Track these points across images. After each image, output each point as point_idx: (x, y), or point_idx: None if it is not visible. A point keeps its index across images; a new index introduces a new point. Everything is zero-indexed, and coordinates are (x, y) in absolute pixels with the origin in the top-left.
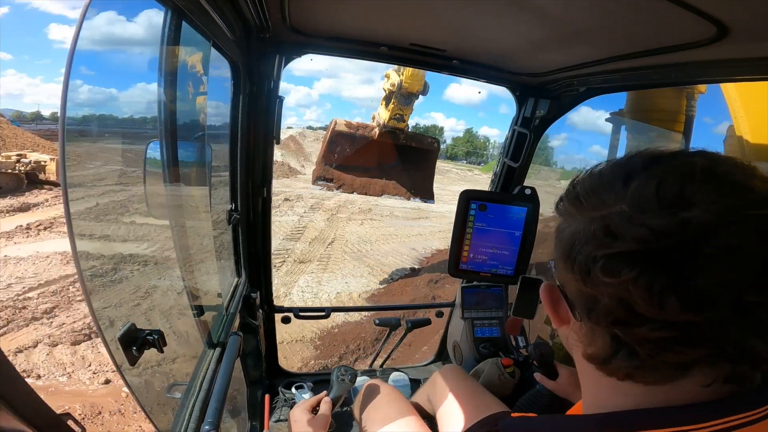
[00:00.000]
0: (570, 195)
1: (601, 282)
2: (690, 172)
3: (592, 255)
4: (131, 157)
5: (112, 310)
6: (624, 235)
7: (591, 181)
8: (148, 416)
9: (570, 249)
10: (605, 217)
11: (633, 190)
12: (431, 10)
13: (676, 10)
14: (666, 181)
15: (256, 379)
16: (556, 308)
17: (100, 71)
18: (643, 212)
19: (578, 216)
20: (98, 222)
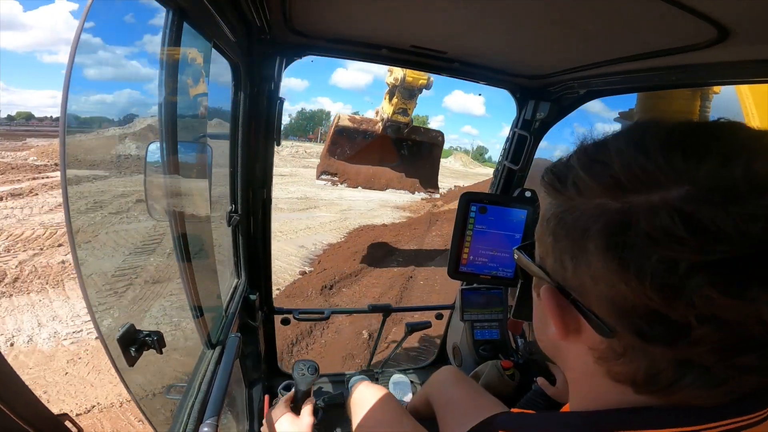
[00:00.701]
0: (587, 165)
1: (705, 300)
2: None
3: (683, 262)
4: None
5: (111, 311)
6: (726, 231)
7: (631, 154)
8: (147, 417)
9: (618, 245)
10: (674, 204)
11: (710, 170)
12: (432, 13)
13: (676, 12)
14: (754, 161)
15: (255, 380)
16: (564, 317)
17: (100, 71)
18: (729, 200)
19: (603, 197)
20: (99, 223)
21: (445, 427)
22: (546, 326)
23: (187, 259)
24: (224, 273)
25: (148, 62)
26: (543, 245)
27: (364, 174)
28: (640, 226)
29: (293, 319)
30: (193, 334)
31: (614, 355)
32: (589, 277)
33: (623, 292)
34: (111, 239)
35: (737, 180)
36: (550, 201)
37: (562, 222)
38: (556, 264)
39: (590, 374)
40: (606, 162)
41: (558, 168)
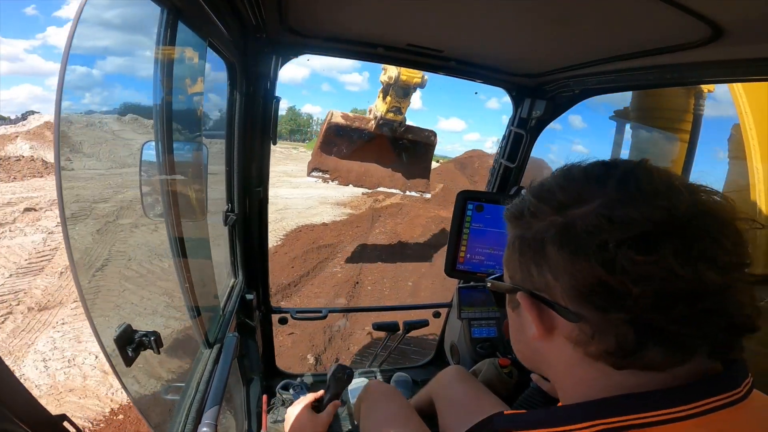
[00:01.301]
0: (539, 195)
1: (633, 264)
2: (645, 170)
3: (611, 242)
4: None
5: (108, 311)
6: (636, 218)
7: (566, 183)
8: (145, 417)
9: (566, 241)
10: (597, 209)
11: (615, 185)
12: (428, 11)
13: (671, 11)
14: (641, 177)
15: (253, 379)
16: (542, 318)
17: (96, 71)
18: (630, 203)
19: (552, 215)
20: (95, 222)
21: (446, 424)
22: (523, 333)
23: (184, 259)
24: (221, 273)
25: (143, 61)
26: (511, 265)
27: (356, 172)
28: (578, 226)
29: (291, 319)
30: (190, 333)
31: (586, 337)
32: (550, 275)
33: (579, 275)
34: (107, 239)
35: (632, 190)
36: (512, 229)
37: (524, 240)
38: (524, 274)
39: (572, 364)
40: (551, 192)
41: (516, 205)
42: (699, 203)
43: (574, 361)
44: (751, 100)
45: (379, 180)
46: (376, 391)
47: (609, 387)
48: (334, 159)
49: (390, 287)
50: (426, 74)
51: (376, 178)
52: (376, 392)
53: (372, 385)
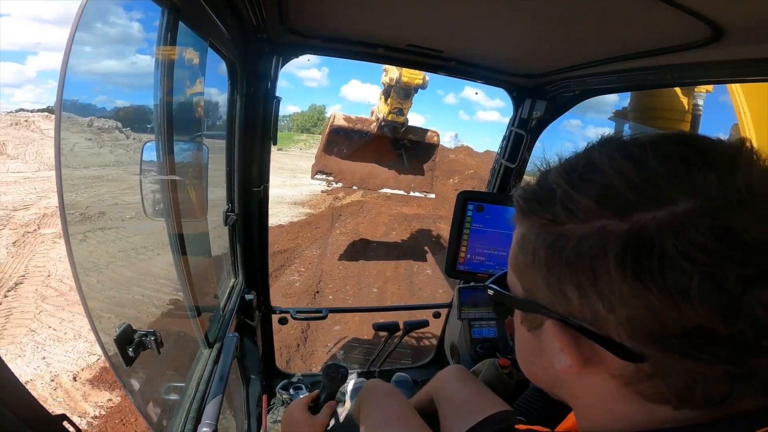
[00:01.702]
0: (579, 182)
1: (762, 310)
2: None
3: (735, 275)
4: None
5: (108, 310)
6: (764, 241)
7: (629, 166)
8: (145, 417)
9: (645, 269)
10: (695, 220)
11: (716, 181)
12: (429, 12)
13: (671, 11)
14: (748, 171)
15: (254, 379)
16: (580, 350)
17: (96, 71)
18: (749, 213)
19: (603, 218)
20: (95, 222)
21: (446, 423)
22: (543, 360)
23: (184, 259)
24: (221, 273)
25: (144, 61)
26: (529, 277)
27: (360, 174)
28: (667, 246)
29: (291, 319)
30: (190, 333)
31: (643, 376)
32: (603, 304)
33: (660, 314)
34: (107, 239)
35: (744, 189)
36: (531, 228)
37: (558, 250)
38: (555, 296)
39: (612, 399)
40: (600, 180)
41: (537, 191)
42: None
43: (616, 397)
44: (749, 101)
45: (383, 181)
46: (376, 391)
47: (652, 421)
48: (337, 161)
49: (353, 295)
50: (427, 75)
51: (380, 179)
52: (375, 392)
53: (372, 385)
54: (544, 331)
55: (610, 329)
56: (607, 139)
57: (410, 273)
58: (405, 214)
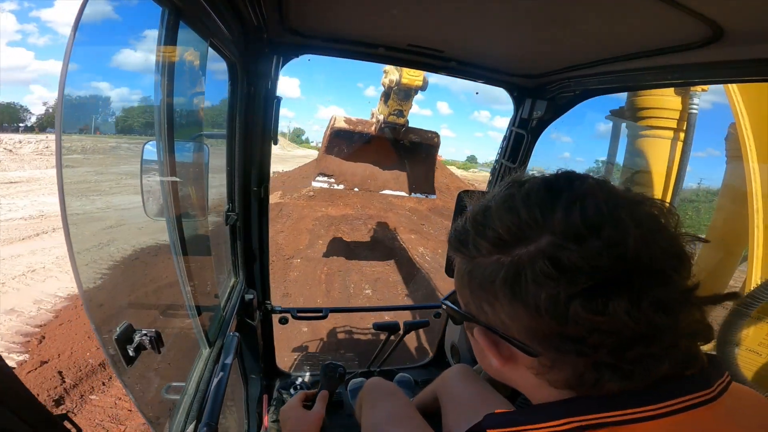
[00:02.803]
0: (479, 229)
1: (584, 319)
2: (591, 195)
3: (561, 295)
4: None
5: (109, 310)
6: (583, 268)
7: (507, 217)
8: (145, 417)
9: (517, 291)
10: (545, 252)
11: (560, 218)
12: (429, 12)
13: (671, 11)
14: (584, 204)
15: (254, 379)
16: (499, 349)
17: (96, 71)
18: (576, 241)
19: (496, 253)
20: (95, 221)
21: (450, 422)
22: (486, 358)
23: (185, 259)
24: (222, 272)
25: (144, 61)
26: (463, 296)
27: (360, 176)
28: (527, 273)
29: (291, 318)
30: (190, 333)
31: (546, 368)
32: (505, 315)
33: (533, 324)
34: (107, 235)
35: (577, 224)
36: (459, 260)
37: (473, 278)
38: (478, 309)
39: (537, 387)
40: (491, 226)
41: (459, 233)
42: (643, 236)
43: (539, 385)
44: (746, 101)
45: (384, 183)
46: (378, 389)
47: None
48: (338, 163)
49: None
50: (427, 75)
51: (381, 181)
52: (377, 390)
53: (373, 384)
54: (475, 336)
55: (514, 333)
56: (506, 184)
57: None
58: (331, 216)
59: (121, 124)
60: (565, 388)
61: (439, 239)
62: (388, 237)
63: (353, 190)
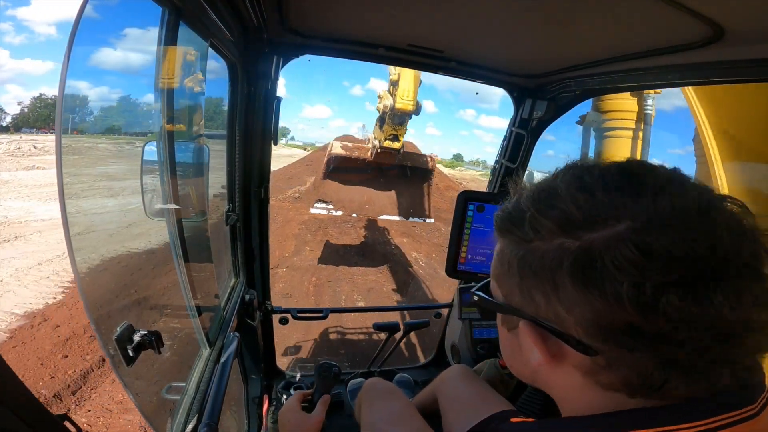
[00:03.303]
0: (542, 207)
1: (678, 311)
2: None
3: (648, 284)
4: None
5: (109, 310)
6: (678, 256)
7: (581, 197)
8: (145, 416)
9: (591, 278)
10: (629, 238)
11: (646, 204)
12: (429, 12)
13: (672, 11)
14: (673, 195)
15: (254, 379)
16: (548, 347)
17: (96, 71)
18: (665, 229)
19: (560, 237)
20: (96, 222)
21: (448, 421)
22: (522, 356)
23: (185, 259)
24: (222, 272)
25: (144, 62)
26: (506, 285)
27: (358, 201)
28: (606, 259)
29: (292, 319)
30: (191, 333)
31: (599, 368)
32: (562, 307)
33: (602, 314)
34: (107, 237)
35: (667, 211)
36: (506, 243)
37: (527, 263)
38: (525, 300)
39: (580, 388)
40: (559, 206)
41: (511, 213)
42: (735, 228)
43: (582, 387)
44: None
45: (382, 207)
46: (377, 389)
47: (608, 407)
48: (336, 189)
49: None
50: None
51: (378, 206)
52: (376, 390)
53: (372, 383)
54: (519, 330)
55: (570, 328)
56: (569, 168)
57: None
58: (318, 219)
59: (120, 124)
60: (621, 390)
61: (432, 242)
62: (379, 241)
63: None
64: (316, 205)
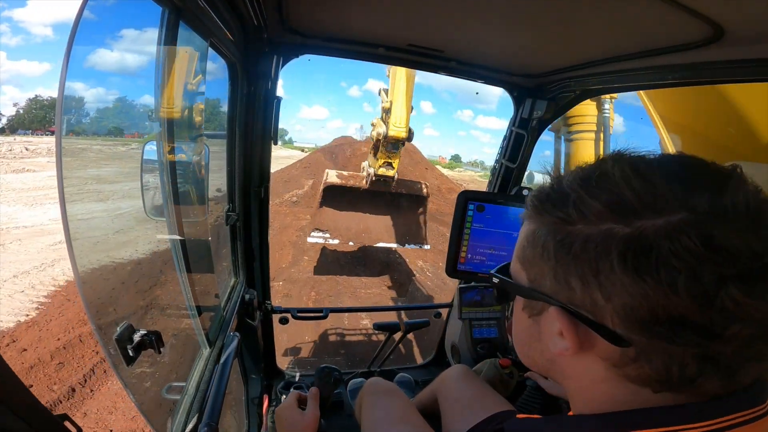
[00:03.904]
0: (596, 195)
1: (737, 305)
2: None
3: (708, 275)
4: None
5: (109, 310)
6: (741, 250)
7: (638, 183)
8: (145, 416)
9: (645, 266)
10: (689, 228)
11: (708, 197)
12: (429, 12)
13: (672, 11)
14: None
15: (254, 379)
16: (577, 333)
17: (96, 71)
18: (727, 222)
19: (609, 221)
20: (96, 222)
21: (448, 421)
22: (541, 344)
23: (185, 259)
24: (222, 272)
25: (144, 62)
26: (536, 268)
27: (355, 229)
28: (664, 248)
29: (292, 318)
30: (191, 333)
31: (628, 360)
32: (601, 294)
33: (649, 303)
34: (107, 237)
35: (728, 207)
36: (542, 225)
37: (566, 246)
38: (559, 285)
39: (601, 380)
40: (612, 189)
41: (552, 194)
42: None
43: (604, 379)
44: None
45: (378, 235)
46: (377, 389)
47: (634, 402)
48: (332, 218)
49: None
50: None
51: (375, 234)
52: (376, 390)
53: (373, 383)
54: (544, 317)
55: (605, 317)
56: (619, 154)
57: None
58: None
59: (120, 125)
60: (647, 384)
61: (437, 248)
62: (381, 249)
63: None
64: (313, 234)
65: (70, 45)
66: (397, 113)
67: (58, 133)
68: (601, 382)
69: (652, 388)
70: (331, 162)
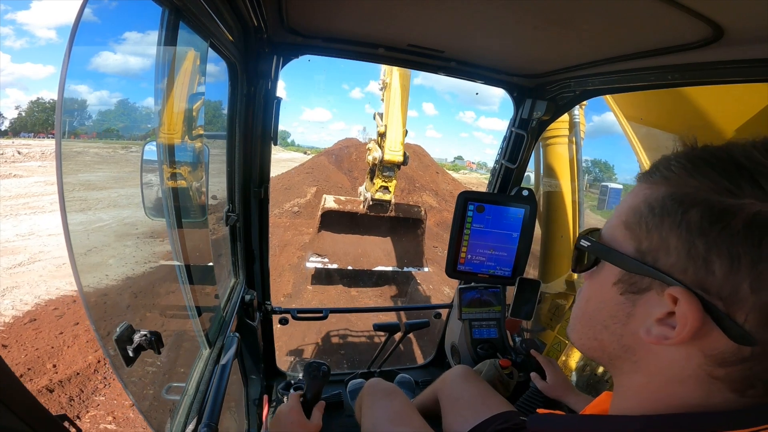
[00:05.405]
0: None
1: None
2: None
3: None
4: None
5: (109, 310)
6: None
7: None
8: (145, 417)
9: None
10: None
11: None
12: (429, 12)
13: (672, 11)
14: None
15: (254, 379)
16: (695, 322)
17: (96, 72)
18: None
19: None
20: (96, 223)
21: (449, 421)
22: (627, 328)
23: (185, 259)
24: (222, 273)
25: (144, 62)
26: (658, 239)
27: (353, 254)
28: None
29: (292, 319)
30: (191, 333)
31: (737, 360)
32: (749, 284)
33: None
34: (108, 237)
35: None
36: (685, 190)
37: (722, 220)
38: (694, 263)
39: (686, 377)
40: None
41: (713, 158)
42: None
43: (689, 377)
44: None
45: (376, 259)
46: (377, 390)
47: (707, 406)
48: (330, 243)
49: None
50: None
51: (373, 258)
52: (377, 391)
53: (373, 384)
54: (646, 297)
55: (740, 309)
56: None
57: None
58: None
59: (118, 126)
60: (745, 386)
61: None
62: (401, 275)
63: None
64: (312, 259)
65: (70, 45)
66: (392, 137)
67: (57, 136)
68: (680, 379)
69: (741, 392)
70: (336, 166)
